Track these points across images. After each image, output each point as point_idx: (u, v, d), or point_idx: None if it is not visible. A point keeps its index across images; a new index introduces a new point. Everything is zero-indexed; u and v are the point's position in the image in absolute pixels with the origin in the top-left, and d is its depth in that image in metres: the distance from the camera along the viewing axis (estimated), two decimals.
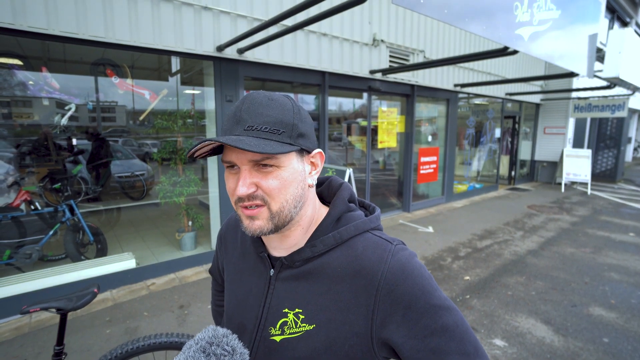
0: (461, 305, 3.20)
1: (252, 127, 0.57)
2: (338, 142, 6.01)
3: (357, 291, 0.60)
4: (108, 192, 6.06)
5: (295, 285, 0.66)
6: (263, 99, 0.59)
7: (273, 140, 0.57)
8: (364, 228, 0.66)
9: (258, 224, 0.60)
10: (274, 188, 0.59)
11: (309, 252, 0.65)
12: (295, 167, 0.61)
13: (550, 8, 3.48)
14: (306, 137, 0.62)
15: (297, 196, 0.62)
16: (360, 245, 0.63)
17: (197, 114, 4.63)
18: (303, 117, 0.63)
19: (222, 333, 0.59)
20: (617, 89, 8.54)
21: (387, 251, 0.61)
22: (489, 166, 9.23)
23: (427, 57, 6.12)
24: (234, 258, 0.80)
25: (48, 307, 1.35)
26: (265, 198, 0.59)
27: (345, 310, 0.60)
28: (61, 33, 2.84)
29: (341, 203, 0.68)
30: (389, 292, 0.58)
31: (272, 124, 0.58)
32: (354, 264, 0.62)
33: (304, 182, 0.63)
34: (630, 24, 11.94)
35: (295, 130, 0.60)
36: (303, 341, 0.62)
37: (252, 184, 0.59)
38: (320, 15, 2.75)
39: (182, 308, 3.10)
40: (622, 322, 2.95)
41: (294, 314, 0.64)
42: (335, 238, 0.64)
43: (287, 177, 0.60)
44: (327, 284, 0.63)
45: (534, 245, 4.90)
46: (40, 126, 4.66)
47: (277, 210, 0.60)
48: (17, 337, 2.65)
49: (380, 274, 0.59)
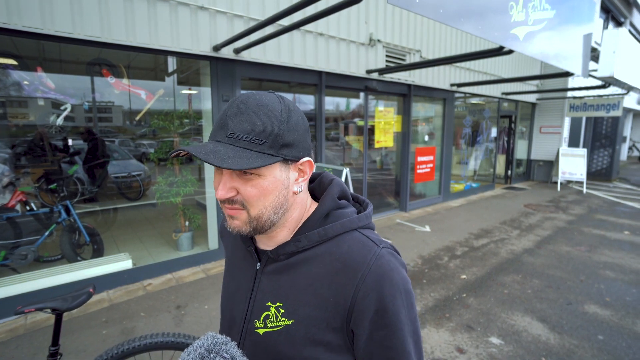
0: (458, 304, 3.21)
1: (233, 134, 0.57)
2: (335, 142, 6.01)
3: (337, 289, 0.60)
4: (105, 193, 6.02)
5: (278, 278, 0.67)
6: (251, 105, 0.58)
7: (253, 151, 0.57)
8: (351, 226, 0.65)
9: (236, 224, 0.62)
10: (252, 196, 0.59)
11: (293, 247, 0.65)
12: (277, 177, 0.60)
13: (545, 8, 3.50)
14: (292, 147, 0.61)
15: (277, 203, 0.62)
16: (346, 243, 0.63)
17: (194, 114, 4.62)
18: (292, 125, 0.60)
19: (222, 340, 0.59)
20: (611, 88, 8.59)
21: (371, 253, 0.61)
22: (486, 165, 9.27)
23: (423, 56, 6.14)
24: (228, 252, 0.83)
25: (43, 307, 1.34)
26: (244, 203, 0.60)
27: (323, 308, 0.61)
28: (56, 33, 2.83)
29: (329, 200, 0.68)
30: (365, 295, 0.59)
31: (254, 134, 0.57)
32: (337, 262, 0.62)
33: (287, 190, 0.63)
34: (625, 23, 12.03)
35: (278, 140, 0.58)
36: (283, 335, 0.63)
37: (232, 188, 0.59)
38: (316, 15, 2.76)
39: (179, 308, 3.10)
40: (617, 320, 2.98)
41: (275, 307, 0.65)
42: (319, 234, 0.64)
43: (267, 186, 0.60)
44: (308, 279, 0.63)
45: (530, 243, 4.93)
46: (36, 126, 4.63)
47: (255, 215, 0.61)
48: (12, 339, 2.64)
49: (360, 276, 0.59)
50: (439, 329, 2.83)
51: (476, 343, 2.65)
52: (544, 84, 9.79)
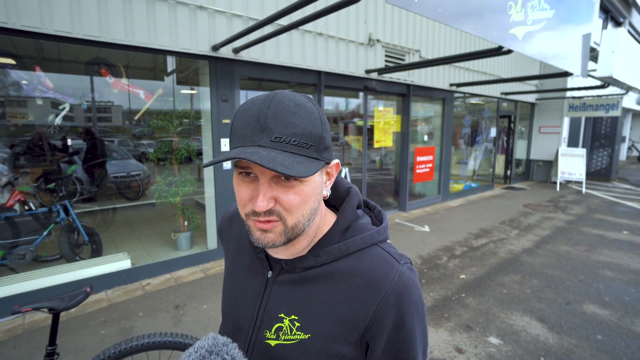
0: (457, 304, 3.21)
1: (279, 138, 0.52)
2: (335, 142, 6.02)
3: (358, 306, 0.59)
4: (104, 192, 6.02)
5: (292, 290, 0.64)
6: (290, 105, 0.53)
7: (303, 156, 0.53)
8: (372, 241, 0.64)
9: (271, 237, 0.57)
10: (294, 204, 0.55)
11: (312, 261, 0.63)
12: (316, 181, 0.58)
13: (544, 8, 3.50)
14: (329, 149, 0.59)
15: (313, 210, 0.59)
16: (368, 259, 0.62)
17: (193, 114, 4.62)
18: (327, 126, 0.58)
19: (222, 342, 0.58)
20: (611, 88, 8.60)
21: (394, 270, 0.60)
22: (485, 165, 9.28)
23: (422, 56, 6.14)
24: (229, 254, 0.80)
25: (40, 307, 1.34)
26: (282, 213, 0.56)
27: (341, 323, 0.60)
28: (55, 32, 2.82)
29: (350, 212, 0.66)
30: (387, 312, 0.58)
31: (300, 136, 0.53)
32: (358, 279, 0.60)
33: (321, 194, 0.61)
34: (624, 24, 12.04)
35: (322, 143, 0.56)
36: (297, 350, 0.62)
37: (272, 198, 0.54)
38: (315, 15, 2.75)
39: (177, 308, 3.09)
40: (616, 319, 2.98)
41: (290, 320, 0.63)
42: (340, 250, 0.62)
43: (309, 193, 0.56)
44: (327, 294, 0.62)
45: (530, 243, 4.93)
46: (34, 126, 4.62)
47: (292, 225, 0.57)
48: (10, 338, 2.64)
49: (383, 293, 0.58)
50: (437, 328, 2.83)
51: (475, 343, 2.65)
52: (543, 84, 9.79)
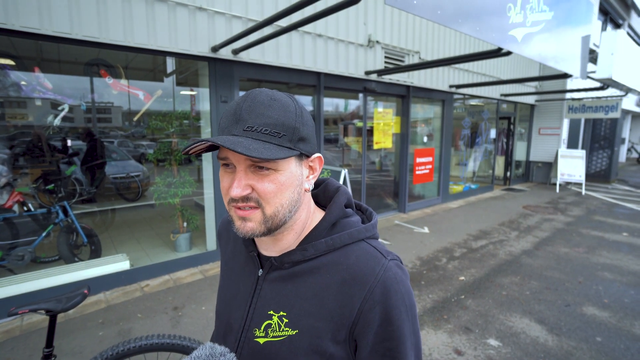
0: (456, 306, 3.20)
1: (251, 127, 0.55)
2: (334, 144, 6.01)
3: (343, 300, 0.60)
4: (103, 193, 6.01)
5: (282, 287, 0.65)
6: (265, 99, 0.57)
7: (272, 144, 0.56)
8: (358, 237, 0.65)
9: (250, 226, 0.59)
10: (269, 192, 0.57)
11: (299, 255, 0.64)
12: (293, 171, 0.60)
13: (543, 9, 3.51)
14: (306, 141, 0.61)
15: (292, 200, 0.60)
16: (354, 254, 0.63)
17: (193, 115, 4.62)
18: (305, 120, 0.60)
19: (220, 352, 0.58)
20: (610, 90, 8.62)
21: (379, 265, 0.61)
22: (485, 167, 9.28)
23: (422, 58, 6.14)
24: (226, 256, 0.81)
25: (37, 308, 1.33)
26: (260, 201, 0.58)
27: (329, 318, 0.60)
28: (54, 33, 2.82)
29: (337, 208, 0.67)
30: (372, 307, 0.58)
31: (272, 126, 0.56)
32: (344, 273, 0.61)
33: (300, 186, 0.62)
34: (623, 25, 12.06)
35: (296, 134, 0.58)
36: (285, 346, 0.62)
37: (247, 185, 0.57)
38: (315, 16, 2.75)
39: (176, 310, 3.08)
40: (615, 321, 2.97)
41: (278, 316, 0.64)
42: (327, 244, 0.63)
43: (284, 182, 0.58)
44: (314, 289, 0.62)
45: (529, 245, 4.93)
46: (33, 127, 4.62)
47: (271, 214, 0.59)
48: (7, 340, 2.63)
49: (368, 287, 0.59)
50: (436, 330, 2.82)
51: (474, 345, 2.64)
52: (542, 85, 9.81)
